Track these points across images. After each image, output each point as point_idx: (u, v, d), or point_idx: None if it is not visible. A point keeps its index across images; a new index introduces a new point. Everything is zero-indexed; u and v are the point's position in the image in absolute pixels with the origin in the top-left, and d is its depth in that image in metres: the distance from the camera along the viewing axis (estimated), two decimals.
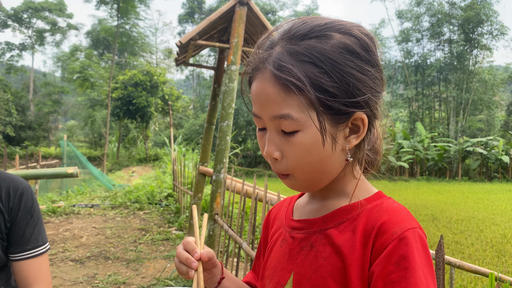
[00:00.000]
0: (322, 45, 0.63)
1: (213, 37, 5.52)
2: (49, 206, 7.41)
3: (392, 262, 0.61)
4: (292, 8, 38.01)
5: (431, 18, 28.63)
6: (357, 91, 0.64)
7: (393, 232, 0.63)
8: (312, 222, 0.75)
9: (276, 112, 0.65)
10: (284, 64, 0.63)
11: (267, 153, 0.69)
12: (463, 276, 4.70)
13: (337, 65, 0.63)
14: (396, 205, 0.69)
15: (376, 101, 0.68)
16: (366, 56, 0.65)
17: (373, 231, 0.65)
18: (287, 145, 0.66)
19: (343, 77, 0.63)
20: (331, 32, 0.65)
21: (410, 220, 0.65)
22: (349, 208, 0.71)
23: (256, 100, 0.68)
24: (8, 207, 1.25)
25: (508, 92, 38.01)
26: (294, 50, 0.64)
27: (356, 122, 0.67)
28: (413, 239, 0.62)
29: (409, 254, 0.61)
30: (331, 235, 0.70)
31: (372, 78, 0.66)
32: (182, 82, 60.03)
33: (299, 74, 0.62)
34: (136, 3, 25.37)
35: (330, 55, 0.63)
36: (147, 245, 5.54)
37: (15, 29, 38.51)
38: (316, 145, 0.65)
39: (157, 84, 22.35)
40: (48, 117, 35.73)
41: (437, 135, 24.64)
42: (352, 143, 0.68)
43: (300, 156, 0.66)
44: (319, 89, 0.62)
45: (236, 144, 23.07)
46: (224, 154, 4.17)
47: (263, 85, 0.66)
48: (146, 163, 21.09)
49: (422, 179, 19.99)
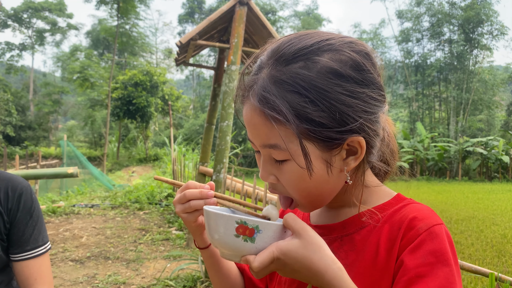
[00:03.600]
0: (307, 71, 0.60)
1: (213, 37, 5.53)
2: (49, 206, 7.41)
3: (419, 256, 0.60)
4: (292, 8, 38.03)
5: (431, 18, 28.62)
6: (348, 117, 0.61)
7: (420, 227, 0.62)
8: (331, 228, 0.73)
9: (265, 142, 0.64)
10: (268, 96, 0.61)
11: (262, 178, 0.69)
12: (463, 276, 4.70)
13: (323, 93, 0.60)
14: (420, 204, 0.69)
15: (371, 123, 0.64)
16: (357, 77, 0.62)
17: (400, 230, 0.64)
18: (280, 172, 0.66)
19: (331, 105, 0.60)
20: (318, 55, 0.61)
21: (435, 217, 0.65)
22: (370, 212, 0.69)
23: (247, 126, 0.67)
24: (7, 207, 1.25)
25: (508, 92, 38.01)
26: (279, 78, 0.61)
27: (352, 145, 0.64)
28: (441, 234, 0.62)
29: (437, 248, 0.60)
30: (353, 241, 0.69)
31: (365, 100, 0.63)
32: (182, 82, 60.02)
33: (281, 107, 0.59)
34: (136, 3, 25.35)
35: (316, 82, 0.60)
36: (147, 245, 5.53)
37: (15, 29, 38.53)
38: (307, 172, 0.63)
39: (157, 84, 22.34)
40: (48, 117, 35.72)
41: (437, 135, 24.62)
42: (350, 165, 0.65)
43: (294, 183, 0.65)
44: (305, 120, 0.60)
45: (236, 144, 23.06)
46: (224, 154, 4.17)
47: (251, 113, 0.64)
48: (146, 163, 21.09)
49: (422, 179, 19.98)
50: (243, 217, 0.58)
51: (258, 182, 4.42)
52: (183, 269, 4.38)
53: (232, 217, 0.59)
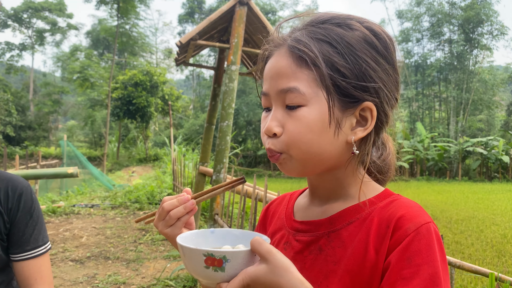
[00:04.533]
0: (342, 30, 0.65)
1: (213, 37, 5.53)
2: (49, 206, 7.41)
3: (405, 258, 0.60)
4: (292, 8, 37.95)
5: (431, 18, 28.63)
6: (369, 77, 0.64)
7: (408, 227, 0.62)
8: (318, 224, 0.72)
9: (284, 85, 0.65)
10: (301, 39, 0.65)
11: (268, 128, 0.66)
12: (463, 276, 4.70)
13: (352, 49, 0.63)
14: (407, 200, 0.68)
15: (388, 95, 0.67)
16: (383, 51, 0.66)
17: (388, 229, 0.64)
18: (290, 119, 0.65)
19: (357, 61, 0.63)
20: (353, 22, 0.66)
21: (423, 215, 0.64)
22: (357, 207, 0.69)
23: (267, 76, 0.69)
24: (7, 207, 1.25)
25: (508, 92, 38.01)
26: (314, 31, 0.66)
27: (364, 114, 0.66)
28: (427, 234, 0.61)
29: (424, 249, 0.60)
30: (341, 237, 0.68)
31: (386, 73, 0.66)
32: (182, 82, 60.00)
33: (313, 48, 0.63)
34: (136, 3, 25.35)
35: (347, 39, 0.64)
36: (147, 245, 5.53)
37: (15, 29, 38.53)
38: (318, 123, 0.64)
39: (157, 84, 22.34)
40: (48, 117, 35.73)
41: (437, 135, 24.63)
42: (358, 135, 0.66)
43: (300, 131, 0.64)
44: (331, 67, 0.63)
45: (236, 144, 23.07)
46: (224, 154, 4.17)
47: (277, 59, 0.67)
48: (146, 163, 21.09)
49: (422, 179, 19.98)
50: (210, 249, 0.57)
51: (258, 182, 4.42)
52: (183, 269, 4.38)
53: (199, 250, 0.58)
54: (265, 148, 0.71)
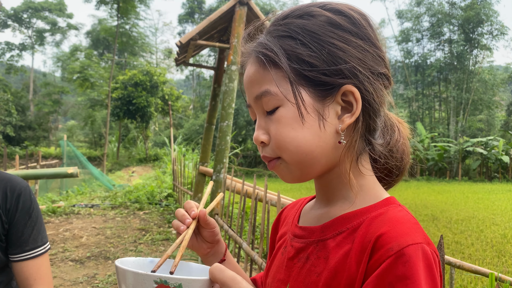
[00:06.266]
0: (302, 20, 0.62)
1: (213, 37, 5.53)
2: (49, 206, 7.41)
3: (385, 284, 0.51)
4: None
5: (431, 18, 28.64)
6: (339, 59, 0.60)
7: (390, 247, 0.53)
8: (312, 231, 0.67)
9: (257, 92, 0.64)
10: (263, 41, 0.64)
11: (255, 138, 0.65)
12: (463, 276, 4.70)
13: (315, 36, 0.60)
14: (402, 214, 0.59)
15: (367, 73, 0.61)
16: (352, 28, 0.61)
17: (369, 245, 0.56)
18: (271, 123, 0.63)
19: (322, 47, 0.60)
20: (314, 9, 0.63)
21: (414, 234, 0.55)
22: (350, 216, 0.63)
23: (244, 88, 0.68)
24: (5, 208, 1.24)
25: (508, 92, 38.00)
26: (275, 29, 0.64)
27: (347, 98, 0.61)
28: (414, 256, 0.52)
29: (408, 275, 0.51)
30: (327, 248, 0.63)
31: (360, 49, 0.61)
32: (182, 82, 60.01)
33: (272, 47, 0.61)
34: (136, 3, 25.34)
35: (308, 27, 0.61)
36: (147, 245, 5.53)
37: (15, 29, 38.57)
38: (297, 119, 0.61)
39: (157, 84, 22.36)
40: (48, 117, 35.74)
41: (437, 135, 24.64)
42: (345, 122, 0.61)
43: (281, 132, 0.61)
44: (295, 60, 0.60)
45: (236, 144, 23.06)
46: (224, 154, 4.17)
47: (248, 68, 0.66)
48: (146, 163, 21.10)
49: (422, 179, 19.98)
50: (163, 276, 0.51)
51: (258, 182, 4.42)
52: None
53: (149, 276, 0.51)
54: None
